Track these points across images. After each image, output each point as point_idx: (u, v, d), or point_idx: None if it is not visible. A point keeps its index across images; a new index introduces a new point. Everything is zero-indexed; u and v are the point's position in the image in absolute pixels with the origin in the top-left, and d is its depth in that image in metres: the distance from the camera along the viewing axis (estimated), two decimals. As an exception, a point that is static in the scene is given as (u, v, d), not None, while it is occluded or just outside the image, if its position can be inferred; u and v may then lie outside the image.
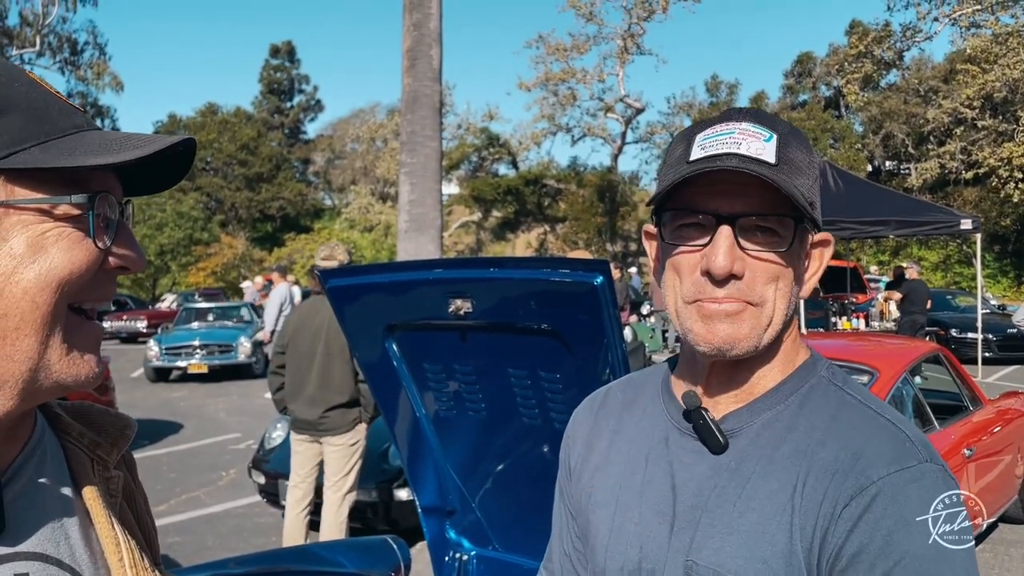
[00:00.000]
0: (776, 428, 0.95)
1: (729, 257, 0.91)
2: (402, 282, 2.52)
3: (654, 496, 1.01)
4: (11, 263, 0.65)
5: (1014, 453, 5.44)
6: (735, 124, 0.94)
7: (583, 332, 2.20)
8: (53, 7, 34.34)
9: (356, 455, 4.74)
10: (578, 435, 1.17)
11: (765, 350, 0.97)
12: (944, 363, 5.42)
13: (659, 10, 34.84)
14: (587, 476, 1.11)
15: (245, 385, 13.81)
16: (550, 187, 40.22)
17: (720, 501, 0.94)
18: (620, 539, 1.03)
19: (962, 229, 12.68)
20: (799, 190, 0.91)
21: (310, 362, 4.65)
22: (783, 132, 0.94)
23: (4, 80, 0.68)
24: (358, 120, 45.05)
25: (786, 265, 0.94)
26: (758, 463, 0.94)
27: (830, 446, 0.91)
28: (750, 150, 0.91)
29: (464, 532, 2.88)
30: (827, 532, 0.87)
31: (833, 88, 39.01)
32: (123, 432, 0.85)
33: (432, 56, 11.56)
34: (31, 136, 0.67)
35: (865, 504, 0.85)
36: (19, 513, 0.69)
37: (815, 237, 0.99)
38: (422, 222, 11.44)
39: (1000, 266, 30.68)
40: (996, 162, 26.32)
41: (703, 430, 0.98)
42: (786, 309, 0.95)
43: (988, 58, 25.67)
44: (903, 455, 0.88)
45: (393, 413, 2.80)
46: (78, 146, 0.68)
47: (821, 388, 0.97)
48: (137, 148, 0.69)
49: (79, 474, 0.79)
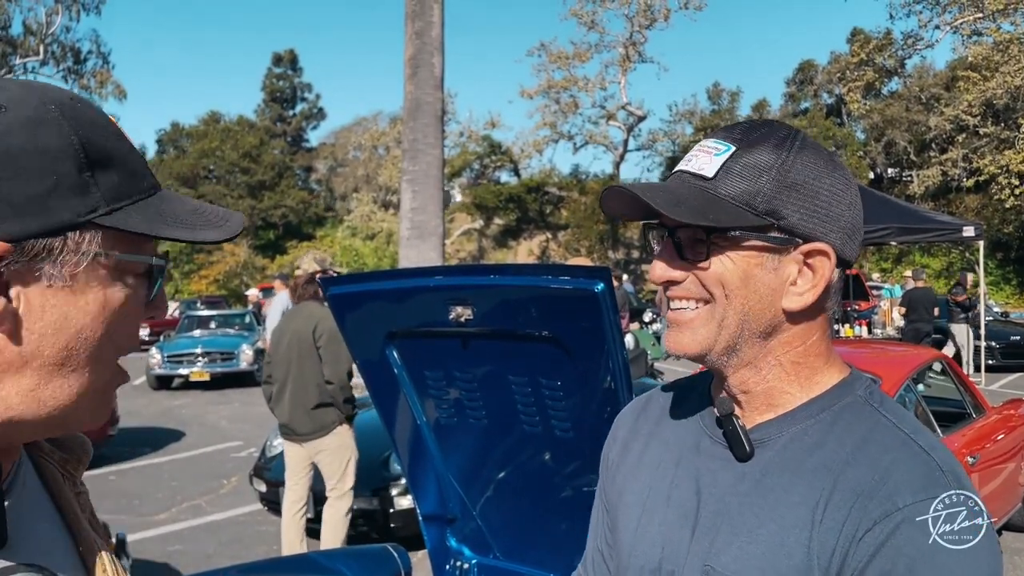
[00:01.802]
0: (804, 442, 0.95)
1: (660, 266, 0.98)
2: (403, 289, 2.52)
3: (680, 500, 1.02)
4: (84, 319, 0.67)
5: (1018, 461, 5.42)
6: (706, 140, 0.98)
7: (584, 339, 2.20)
8: (56, 16, 34.50)
9: (346, 455, 4.85)
10: (618, 436, 1.20)
11: (758, 362, 0.97)
12: (947, 370, 5.41)
13: (661, 18, 34.96)
14: (621, 476, 1.14)
15: (247, 393, 13.78)
16: (552, 194, 40.26)
17: (741, 509, 0.95)
18: (644, 539, 1.05)
19: (964, 236, 12.66)
20: (725, 205, 0.92)
21: (287, 368, 4.82)
22: (753, 141, 0.94)
23: (106, 131, 0.70)
24: (360, 128, 45.15)
25: (730, 271, 0.94)
26: (782, 475, 0.94)
27: (858, 466, 0.90)
28: (695, 166, 0.96)
29: (465, 540, 2.87)
30: (847, 554, 0.87)
31: (835, 96, 39.09)
32: (84, 449, 0.87)
33: (434, 64, 11.58)
34: (126, 194, 0.69)
35: (889, 531, 0.85)
36: (16, 525, 0.70)
37: (805, 247, 0.94)
38: (424, 229, 11.45)
39: (1003, 273, 30.65)
40: (996, 169, 26.33)
41: (731, 437, 0.99)
42: (744, 315, 0.95)
43: (989, 65, 25.72)
44: (932, 483, 0.86)
45: (394, 420, 2.80)
46: (167, 213, 0.71)
47: (856, 407, 0.96)
48: (217, 227, 0.73)
49: (54, 490, 0.81)
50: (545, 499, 2.61)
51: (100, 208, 0.66)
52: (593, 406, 2.31)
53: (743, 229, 0.93)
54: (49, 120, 0.65)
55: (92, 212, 0.65)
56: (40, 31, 34.40)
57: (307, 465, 4.95)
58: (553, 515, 2.61)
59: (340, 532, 4.83)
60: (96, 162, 0.67)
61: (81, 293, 0.66)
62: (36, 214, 0.63)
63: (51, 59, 35.44)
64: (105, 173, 0.67)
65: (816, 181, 0.94)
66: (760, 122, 0.99)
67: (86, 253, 0.65)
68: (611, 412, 2.27)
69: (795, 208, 0.93)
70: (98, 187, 0.66)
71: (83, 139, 0.66)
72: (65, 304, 0.66)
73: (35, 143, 0.64)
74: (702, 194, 0.94)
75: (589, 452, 2.43)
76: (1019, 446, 5.48)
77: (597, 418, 2.32)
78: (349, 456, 4.86)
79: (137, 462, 8.73)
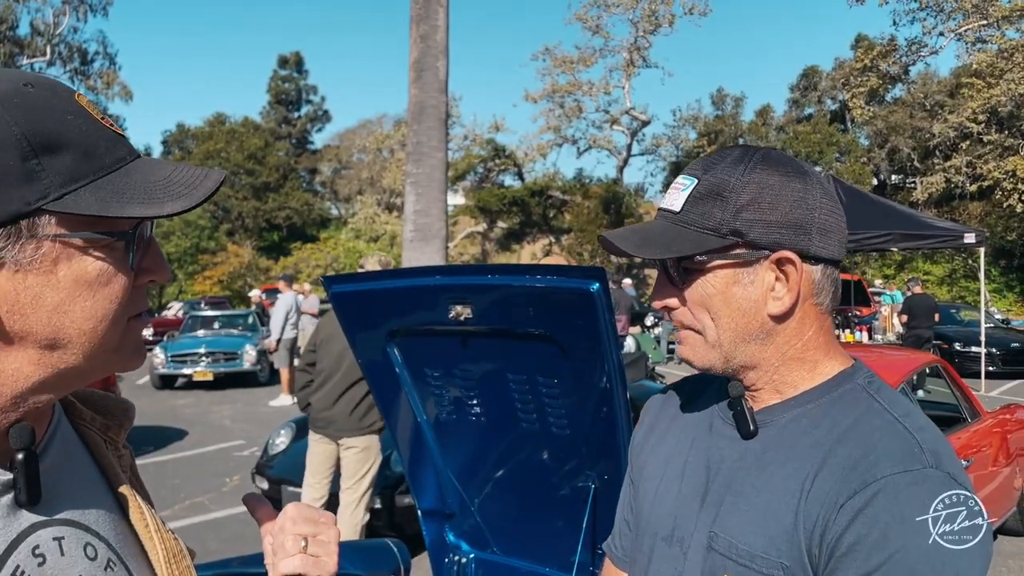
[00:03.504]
0: (802, 423, 1.05)
1: (659, 295, 1.11)
2: (404, 288, 2.57)
3: (692, 475, 1.13)
4: (59, 295, 0.71)
5: (1012, 465, 5.46)
6: (677, 178, 1.10)
7: (580, 338, 2.25)
8: (64, 17, 34.67)
9: (370, 460, 4.87)
10: (645, 420, 1.33)
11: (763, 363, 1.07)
12: (943, 375, 5.45)
13: (665, 24, 34.99)
14: (645, 453, 1.27)
15: (250, 393, 13.85)
16: (555, 198, 40.28)
17: (743, 481, 1.05)
18: (659, 509, 1.16)
19: (966, 243, 12.69)
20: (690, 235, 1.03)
21: (338, 363, 4.82)
22: (713, 170, 1.04)
23: (58, 114, 0.71)
24: (365, 131, 45.29)
25: (710, 295, 1.05)
26: (779, 451, 1.04)
27: (846, 444, 0.98)
28: (667, 203, 1.08)
29: (463, 535, 2.92)
30: (828, 521, 0.94)
31: (839, 102, 39.07)
32: (126, 414, 0.93)
33: (439, 67, 11.65)
34: (81, 175, 0.71)
35: (867, 499, 0.92)
36: (51, 485, 0.76)
37: (774, 256, 1.02)
38: (428, 232, 11.50)
39: (1006, 280, 30.62)
40: (1001, 175, 26.32)
41: (739, 417, 1.09)
42: (735, 330, 1.05)
43: (993, 72, 25.73)
44: (909, 459, 0.94)
45: (394, 418, 2.85)
46: (124, 188, 0.72)
47: (853, 394, 1.05)
48: (180, 197, 0.73)
49: (96, 453, 0.87)
50: (542, 495, 2.67)
51: (51, 194, 0.68)
52: (589, 403, 2.36)
53: (707, 252, 1.02)
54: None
55: (42, 199, 0.68)
56: (47, 32, 34.56)
57: (332, 465, 4.96)
58: (550, 510, 2.66)
59: (354, 529, 4.87)
60: (44, 148, 0.69)
61: (51, 273, 0.70)
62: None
63: (58, 60, 35.60)
64: (54, 158, 0.69)
65: (772, 194, 1.02)
66: (721, 151, 1.09)
67: (45, 236, 0.69)
68: (607, 409, 2.32)
69: (754, 223, 1.01)
70: (47, 173, 0.68)
71: (27, 128, 0.68)
72: (36, 285, 0.69)
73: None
74: (671, 228, 1.05)
75: (585, 449, 2.49)
76: (1014, 451, 5.52)
77: (593, 415, 2.37)
78: (372, 462, 4.90)
79: (141, 460, 8.79)
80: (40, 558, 0.73)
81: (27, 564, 0.72)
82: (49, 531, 0.75)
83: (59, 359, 0.73)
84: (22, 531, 0.73)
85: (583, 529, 2.50)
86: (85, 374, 0.76)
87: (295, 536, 0.91)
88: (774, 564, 0.98)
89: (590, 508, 2.49)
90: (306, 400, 5.01)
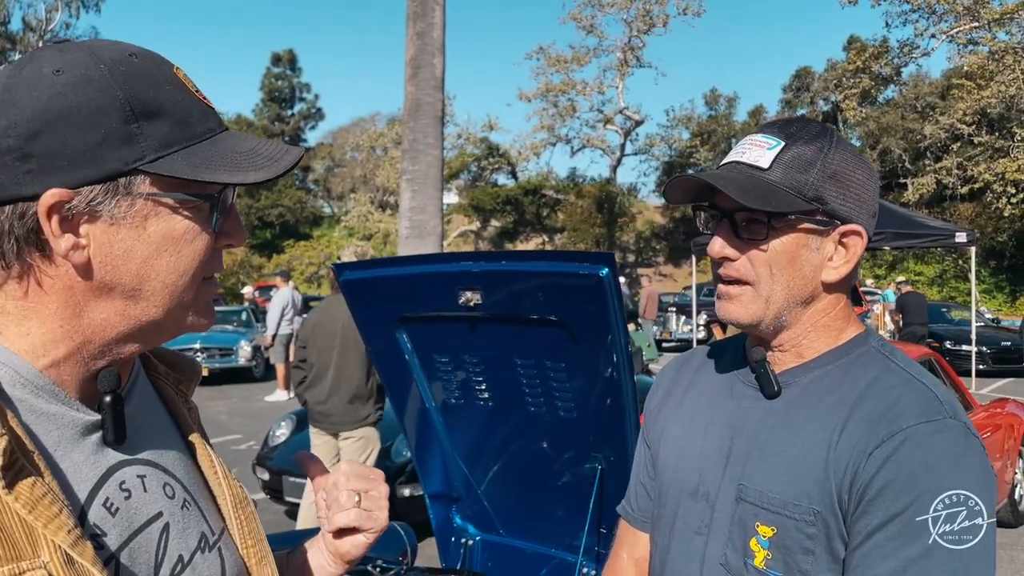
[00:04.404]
0: (823, 383, 1.13)
1: (719, 243, 1.14)
2: (414, 275, 2.61)
3: (715, 434, 1.21)
4: (148, 249, 0.77)
5: (1003, 459, 5.55)
6: (754, 136, 1.15)
7: (589, 323, 2.29)
8: (56, 13, 34.54)
9: (368, 450, 4.92)
10: (661, 384, 1.41)
11: (797, 326, 1.14)
12: (936, 368, 5.53)
13: (659, 24, 35.08)
14: (663, 416, 1.34)
15: (245, 388, 13.87)
16: (549, 197, 40.34)
17: (769, 438, 1.13)
18: (684, 467, 1.24)
19: (957, 242, 12.81)
20: (781, 193, 1.08)
21: (328, 356, 4.89)
22: (799, 139, 1.11)
23: (158, 83, 0.78)
24: (358, 129, 45.17)
25: (779, 253, 1.10)
26: (803, 409, 1.12)
27: (870, 400, 1.07)
28: (750, 157, 1.12)
29: (469, 518, 2.97)
30: (859, 468, 1.03)
31: (831, 103, 39.19)
32: (195, 370, 1.01)
33: (435, 65, 11.68)
34: (175, 141, 0.77)
35: (895, 447, 1.01)
36: (133, 428, 0.82)
37: (843, 228, 1.11)
38: (423, 229, 11.54)
39: (996, 281, 30.81)
40: (991, 177, 26.48)
41: (762, 378, 1.17)
42: (789, 289, 1.12)
43: (984, 74, 25.88)
44: (930, 410, 1.03)
45: (403, 403, 2.90)
46: (213, 156, 0.78)
47: (869, 356, 1.14)
48: (262, 168, 0.79)
49: (170, 404, 0.94)
50: (548, 478, 2.72)
51: (147, 156, 0.75)
52: (597, 387, 2.41)
53: (798, 213, 1.09)
54: (96, 79, 0.74)
55: (139, 160, 0.75)
56: (40, 28, 34.40)
57: (333, 457, 5.02)
58: (556, 493, 2.71)
59: None
60: (143, 114, 0.75)
61: (142, 228, 0.76)
62: (89, 164, 0.73)
63: (50, 56, 35.38)
64: (152, 123, 0.75)
65: (850, 172, 1.11)
66: (798, 119, 1.16)
67: (139, 194, 0.75)
68: (615, 393, 2.37)
69: (835, 195, 1.10)
70: (145, 137, 0.75)
71: (130, 94, 0.75)
72: (129, 239, 0.76)
73: (84, 101, 0.73)
74: (762, 183, 1.10)
75: (592, 432, 2.54)
76: (1005, 444, 5.61)
77: (600, 399, 2.43)
78: (371, 452, 4.97)
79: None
80: (126, 492, 0.79)
81: (115, 497, 0.78)
82: (133, 469, 0.81)
83: (142, 311, 0.79)
84: (110, 467, 0.79)
85: (589, 511, 2.55)
86: (162, 328, 0.82)
87: (349, 492, 0.97)
88: (806, 510, 1.06)
89: (596, 490, 2.54)
90: (303, 396, 5.09)
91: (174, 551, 0.82)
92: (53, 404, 0.75)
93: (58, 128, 0.72)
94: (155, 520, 0.81)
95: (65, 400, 0.76)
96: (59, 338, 0.76)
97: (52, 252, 0.74)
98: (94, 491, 0.76)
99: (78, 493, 0.74)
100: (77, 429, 0.77)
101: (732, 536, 1.13)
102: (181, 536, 0.83)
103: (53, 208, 0.72)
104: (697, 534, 1.19)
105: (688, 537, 1.20)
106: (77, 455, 0.76)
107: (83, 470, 0.76)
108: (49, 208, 0.72)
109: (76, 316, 0.76)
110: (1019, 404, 6.31)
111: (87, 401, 0.79)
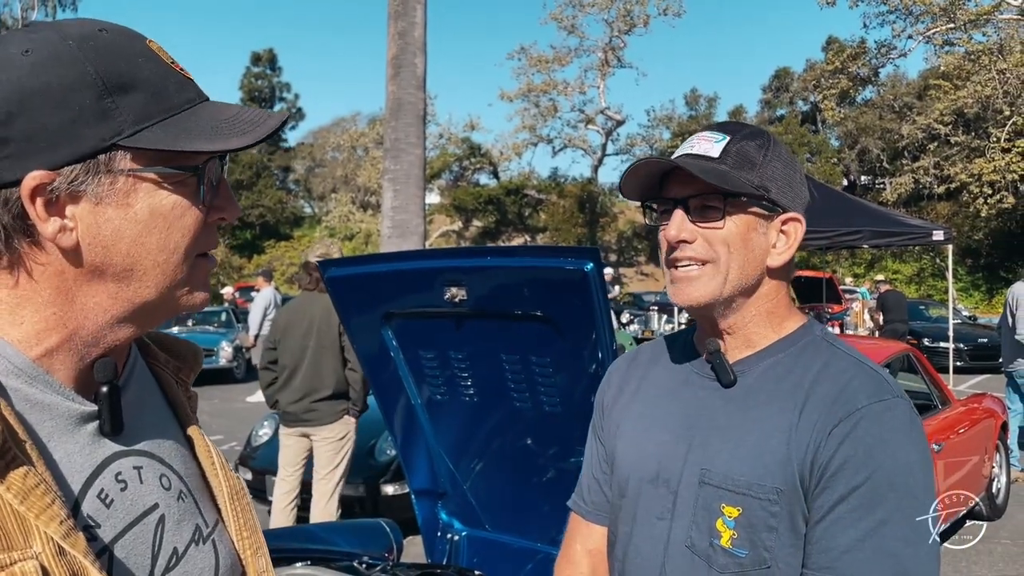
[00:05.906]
0: (777, 370, 1.20)
1: (676, 228, 1.19)
2: (399, 271, 2.62)
3: (673, 424, 1.26)
4: (136, 228, 0.76)
5: (981, 453, 5.62)
6: (701, 133, 1.23)
7: (574, 317, 2.32)
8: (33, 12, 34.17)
9: (345, 447, 4.87)
10: (612, 381, 1.44)
11: (745, 309, 1.22)
12: (915, 363, 5.60)
13: (640, 24, 35.27)
14: (617, 411, 1.38)
15: (227, 389, 13.78)
16: (531, 197, 40.39)
17: (729, 424, 1.19)
18: (642, 457, 1.28)
19: (934, 240, 12.93)
20: (733, 176, 1.16)
21: (301, 355, 4.82)
22: (741, 136, 1.20)
23: (130, 56, 0.76)
24: (339, 128, 45.03)
25: (734, 233, 1.17)
26: (761, 394, 1.19)
27: (824, 383, 1.15)
28: (699, 149, 1.19)
29: (455, 513, 2.98)
30: (819, 446, 1.11)
31: (810, 103, 39.57)
32: (196, 357, 0.99)
33: (417, 64, 11.66)
34: (152, 114, 0.75)
35: (852, 425, 1.09)
36: (130, 418, 0.82)
37: (784, 215, 1.20)
38: (405, 228, 11.52)
39: (972, 279, 31.16)
40: (967, 177, 26.78)
41: (718, 368, 1.23)
42: (743, 269, 1.18)
43: (960, 75, 26.18)
44: (881, 390, 1.13)
45: (388, 399, 2.90)
46: (193, 126, 0.77)
47: (815, 344, 1.22)
48: (245, 134, 0.78)
49: (169, 392, 0.93)
50: (533, 472, 2.73)
51: (124, 131, 0.73)
52: (582, 382, 2.43)
53: (750, 196, 1.17)
54: (65, 55, 0.72)
55: (117, 135, 0.73)
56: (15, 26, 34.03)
57: (304, 456, 4.96)
58: (541, 487, 2.72)
59: (329, 518, 4.88)
60: (117, 88, 0.73)
61: (128, 206, 0.75)
62: (67, 143, 0.71)
63: (27, 55, 35.03)
64: (127, 97, 0.74)
65: (786, 167, 1.21)
66: (737, 122, 1.27)
67: (120, 171, 0.74)
68: (598, 387, 2.39)
69: (777, 185, 1.19)
70: (120, 111, 0.73)
71: (101, 69, 0.73)
72: (116, 218, 0.75)
73: (55, 79, 0.71)
74: (715, 168, 1.17)
75: (576, 426, 2.55)
76: (982, 438, 5.68)
77: (585, 393, 2.44)
78: (347, 450, 4.89)
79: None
80: (122, 484, 0.79)
81: (111, 488, 0.77)
82: (129, 460, 0.81)
83: (134, 292, 0.78)
84: (106, 458, 0.78)
85: (574, 505, 2.56)
86: (157, 309, 0.81)
87: None
88: (770, 489, 1.12)
89: (581, 484, 2.55)
90: (273, 398, 4.99)
91: (169, 543, 0.81)
92: (47, 394, 0.75)
93: (32, 109, 0.71)
94: (151, 512, 0.80)
95: (59, 390, 0.76)
96: (52, 326, 0.76)
97: (40, 238, 0.73)
98: (88, 482, 0.75)
99: (71, 484, 0.74)
100: (72, 419, 0.76)
101: (697, 519, 1.18)
102: (176, 528, 0.83)
103: (36, 191, 0.71)
104: (659, 519, 1.23)
105: (651, 523, 1.24)
106: (71, 445, 0.75)
107: (77, 461, 0.75)
108: (32, 191, 0.71)
109: (69, 302, 0.76)
110: (996, 399, 6.40)
111: (83, 391, 0.78)
